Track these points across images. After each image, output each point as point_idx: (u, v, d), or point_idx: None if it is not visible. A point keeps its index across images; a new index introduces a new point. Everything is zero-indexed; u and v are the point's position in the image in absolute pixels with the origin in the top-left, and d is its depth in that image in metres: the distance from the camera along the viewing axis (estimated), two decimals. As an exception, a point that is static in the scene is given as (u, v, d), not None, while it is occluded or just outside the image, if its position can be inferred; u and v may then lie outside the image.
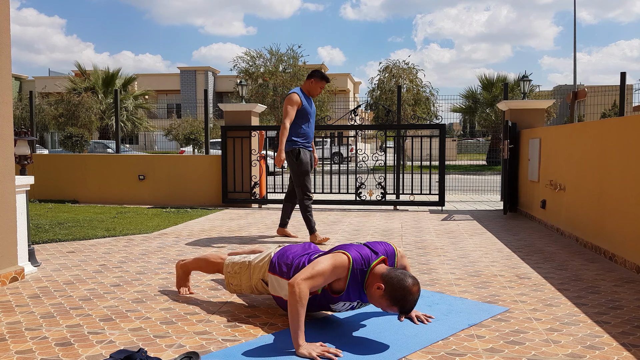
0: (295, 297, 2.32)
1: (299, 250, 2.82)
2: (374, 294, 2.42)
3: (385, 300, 2.38)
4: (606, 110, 32.14)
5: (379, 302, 2.42)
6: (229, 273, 2.96)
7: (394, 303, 2.36)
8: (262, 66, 22.93)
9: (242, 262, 2.93)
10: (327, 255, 2.50)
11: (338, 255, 2.48)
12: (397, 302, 2.35)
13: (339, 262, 2.45)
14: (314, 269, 2.40)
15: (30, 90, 12.13)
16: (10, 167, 3.59)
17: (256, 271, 2.86)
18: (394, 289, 2.35)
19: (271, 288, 2.78)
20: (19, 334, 2.56)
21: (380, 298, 2.40)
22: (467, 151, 29.03)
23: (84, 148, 19.04)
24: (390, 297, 2.36)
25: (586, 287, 3.42)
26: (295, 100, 4.87)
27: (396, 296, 2.34)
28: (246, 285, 2.91)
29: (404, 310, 2.37)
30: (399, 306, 2.36)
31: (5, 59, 3.55)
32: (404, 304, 2.35)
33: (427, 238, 5.27)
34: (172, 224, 6.21)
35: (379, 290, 2.39)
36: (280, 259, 2.77)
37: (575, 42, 21.08)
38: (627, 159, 4.03)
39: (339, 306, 2.61)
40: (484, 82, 23.65)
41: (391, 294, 2.36)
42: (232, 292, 3.00)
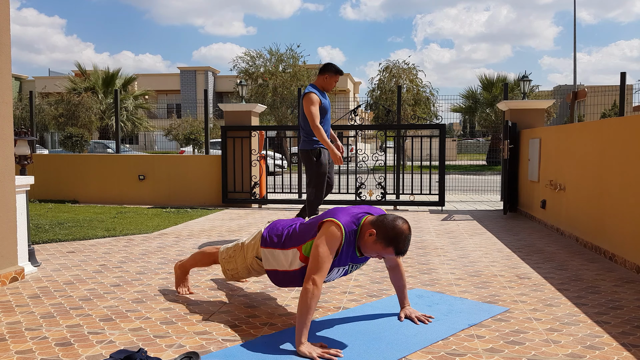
0: (308, 293, 2.32)
1: (288, 221, 2.84)
2: (367, 241, 2.44)
3: (380, 244, 2.40)
4: (606, 110, 32.14)
5: (373, 248, 2.43)
6: (224, 259, 2.99)
7: (388, 244, 2.38)
8: (262, 66, 22.94)
9: (235, 245, 2.97)
10: (321, 237, 2.46)
11: (331, 230, 2.45)
12: (391, 241, 2.37)
13: (335, 237, 2.44)
14: (318, 259, 2.40)
15: (30, 90, 12.13)
16: (10, 167, 3.59)
17: (249, 250, 2.87)
18: (386, 229, 2.38)
19: (265, 262, 2.77)
20: (19, 334, 2.56)
21: (374, 243, 2.42)
22: (467, 151, 29.04)
23: (84, 148, 19.04)
24: (384, 238, 2.39)
25: (586, 287, 3.42)
26: (315, 100, 4.69)
27: (389, 236, 2.37)
28: (242, 267, 2.92)
29: (399, 249, 2.38)
30: (393, 246, 2.38)
31: (5, 59, 3.55)
32: (398, 242, 2.37)
33: (427, 238, 5.27)
34: (172, 224, 6.21)
35: (372, 237, 2.42)
36: (270, 232, 2.78)
37: (575, 42, 21.07)
38: (627, 159, 4.03)
39: (332, 275, 2.62)
40: (484, 82, 23.66)
41: (384, 235, 2.38)
42: (229, 279, 3.01)
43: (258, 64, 23.00)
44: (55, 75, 37.81)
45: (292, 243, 2.65)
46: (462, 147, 29.38)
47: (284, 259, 2.67)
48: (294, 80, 22.29)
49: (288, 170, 11.71)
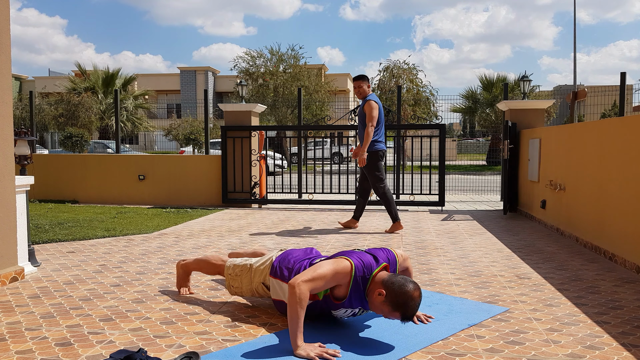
0: (295, 297, 2.32)
1: (301, 255, 2.81)
2: (375, 300, 2.42)
3: (387, 307, 2.38)
4: (606, 110, 32.14)
5: (380, 309, 2.42)
6: (230, 275, 2.96)
7: (395, 309, 2.36)
8: (262, 66, 22.94)
9: (244, 265, 2.93)
10: (329, 260, 2.50)
11: (340, 260, 2.48)
12: (399, 307, 2.35)
13: (341, 268, 2.45)
14: (315, 271, 2.40)
15: (30, 90, 12.13)
16: (10, 167, 3.59)
17: (257, 274, 2.85)
18: (396, 295, 2.35)
19: (272, 292, 2.77)
20: (19, 334, 2.56)
21: (381, 304, 2.40)
22: (467, 151, 29.04)
23: (84, 148, 19.03)
24: (392, 303, 2.36)
25: (586, 287, 3.42)
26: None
27: (398, 302, 2.34)
28: (247, 289, 2.91)
29: (406, 316, 2.36)
30: (400, 312, 2.35)
31: (5, 59, 3.55)
32: (406, 309, 2.34)
33: (427, 238, 5.27)
34: (172, 224, 6.21)
35: (380, 297, 2.39)
36: (281, 263, 2.76)
37: (575, 42, 21.07)
38: (627, 159, 4.03)
39: (340, 313, 2.60)
40: (484, 82, 23.66)
41: (392, 299, 2.35)
42: (232, 294, 3.00)
43: (258, 64, 23.00)
44: (55, 75, 37.81)
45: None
46: (462, 147, 29.38)
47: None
48: (295, 80, 22.29)
49: (288, 170, 11.71)
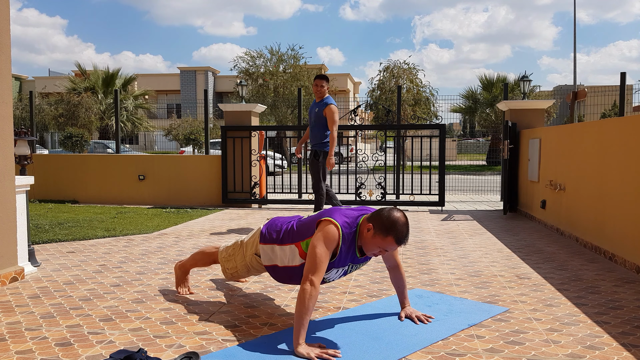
0: (306, 294, 2.32)
1: (287, 218, 2.85)
2: (366, 237, 2.45)
3: (379, 236, 2.40)
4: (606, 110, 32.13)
5: (373, 243, 2.43)
6: (224, 259, 3.00)
7: (386, 233, 2.38)
8: (262, 66, 22.93)
9: (235, 243, 2.99)
10: (317, 236, 2.46)
11: (328, 229, 2.46)
12: (389, 230, 2.38)
13: (331, 237, 2.44)
14: (315, 259, 2.40)
15: (30, 90, 12.13)
16: (10, 167, 3.59)
17: (249, 247, 2.89)
18: (382, 220, 2.39)
19: (264, 258, 2.78)
20: (19, 334, 2.56)
21: (373, 237, 2.42)
22: (467, 151, 29.04)
23: (84, 148, 19.03)
24: (381, 229, 2.39)
25: (586, 287, 3.42)
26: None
27: (385, 225, 2.38)
28: (241, 265, 2.93)
29: (399, 237, 2.38)
30: (392, 234, 2.38)
31: (5, 59, 3.55)
32: (396, 230, 2.37)
33: (427, 238, 5.27)
34: (172, 224, 6.21)
35: (370, 232, 2.42)
36: (269, 228, 2.80)
37: (575, 42, 21.07)
38: (627, 159, 4.03)
39: (332, 275, 2.62)
40: (484, 82, 23.65)
41: (381, 226, 2.39)
42: (229, 278, 3.02)
43: (258, 64, 23.00)
44: (55, 75, 37.80)
45: (291, 239, 2.65)
46: (462, 147, 29.38)
47: (283, 254, 2.68)
48: (295, 80, 22.28)
49: (288, 170, 11.71)
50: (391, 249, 2.44)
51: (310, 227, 2.60)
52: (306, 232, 2.60)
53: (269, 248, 2.75)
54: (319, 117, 5.64)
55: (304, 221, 2.68)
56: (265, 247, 2.77)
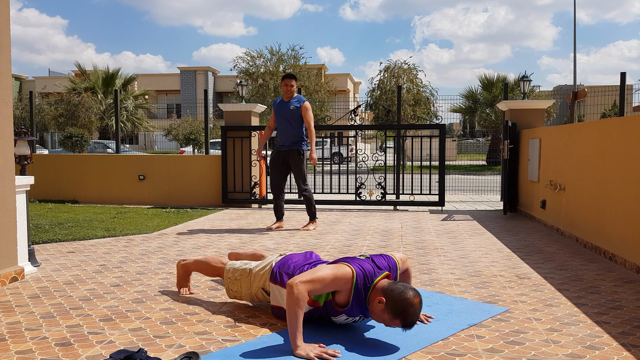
0: (293, 297, 2.31)
1: (301, 260, 2.80)
2: (375, 308, 2.41)
3: (387, 314, 2.36)
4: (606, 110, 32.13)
5: (381, 317, 2.40)
6: (229, 279, 2.94)
7: (395, 316, 2.34)
8: (262, 66, 22.93)
9: (243, 270, 2.91)
10: (330, 265, 2.48)
11: (341, 266, 2.46)
12: (399, 314, 2.33)
13: (341, 274, 2.42)
14: (315, 274, 2.39)
15: (30, 90, 12.13)
16: (10, 167, 3.59)
17: (257, 279, 2.84)
18: (395, 302, 2.33)
19: (272, 298, 2.76)
20: (19, 334, 2.56)
21: (382, 312, 2.38)
22: (467, 151, 29.03)
23: (84, 148, 19.03)
24: (392, 310, 2.34)
25: (586, 287, 3.42)
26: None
27: (397, 309, 2.33)
28: (246, 293, 2.90)
29: (406, 323, 2.34)
30: (401, 319, 2.33)
31: (5, 59, 3.55)
32: (406, 317, 2.33)
33: (427, 238, 5.27)
34: (172, 224, 6.21)
35: (381, 305, 2.38)
36: (281, 269, 2.75)
37: (575, 42, 21.07)
38: (627, 159, 4.03)
39: (340, 319, 2.60)
40: (484, 82, 23.65)
41: (392, 307, 2.34)
42: (231, 297, 2.99)
43: (258, 64, 22.99)
44: (55, 75, 37.80)
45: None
46: (462, 147, 29.38)
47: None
48: (294, 80, 22.25)
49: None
50: (395, 327, 2.40)
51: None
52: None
53: (278, 290, 2.71)
54: (293, 116, 5.62)
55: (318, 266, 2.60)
56: (274, 287, 2.73)
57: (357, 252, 4.55)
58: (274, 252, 4.56)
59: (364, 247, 4.77)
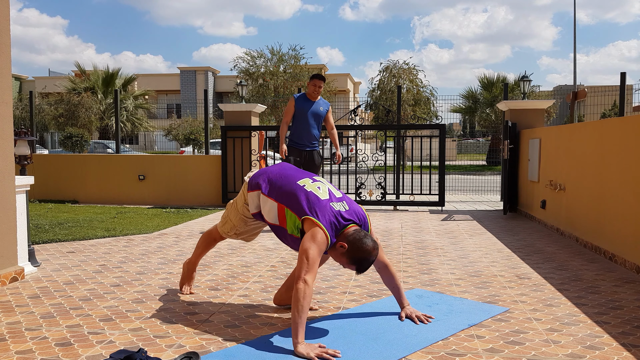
0: (300, 293, 2.35)
1: (270, 167, 2.91)
2: (336, 250, 2.57)
3: (345, 259, 2.54)
4: (606, 110, 32.13)
5: (339, 259, 2.57)
6: (222, 225, 3.07)
7: (352, 262, 2.53)
8: (263, 66, 22.92)
9: (228, 204, 3.09)
10: (309, 239, 2.49)
11: (319, 237, 2.49)
12: (356, 262, 2.52)
13: (323, 244, 2.51)
14: (309, 261, 2.45)
15: (30, 90, 12.13)
16: (10, 167, 3.59)
17: (239, 199, 2.97)
18: (355, 251, 2.50)
19: (251, 205, 2.86)
20: (19, 334, 2.56)
21: (340, 255, 2.55)
22: (467, 151, 29.03)
23: (84, 148, 19.03)
24: (350, 257, 2.52)
25: (586, 287, 3.42)
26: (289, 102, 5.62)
27: (356, 257, 2.51)
28: (236, 220, 2.99)
29: (361, 270, 2.54)
30: (356, 266, 2.53)
31: (5, 59, 3.55)
32: (362, 265, 2.52)
33: (427, 238, 5.27)
34: (172, 224, 6.21)
35: (342, 249, 2.54)
36: (253, 178, 2.89)
37: (575, 42, 21.07)
38: (627, 159, 4.03)
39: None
40: (484, 82, 23.65)
41: (352, 254, 2.51)
42: (232, 237, 3.07)
43: (258, 64, 22.98)
44: (55, 75, 37.79)
45: (275, 196, 2.72)
46: (462, 147, 29.38)
47: (264, 205, 2.77)
48: (295, 80, 22.27)
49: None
50: (356, 270, 2.57)
51: (294, 205, 2.63)
52: (290, 204, 2.65)
53: (256, 195, 2.82)
54: (320, 118, 5.62)
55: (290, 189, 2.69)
56: (251, 195, 2.84)
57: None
58: (273, 251, 4.56)
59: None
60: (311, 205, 2.59)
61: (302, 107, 5.55)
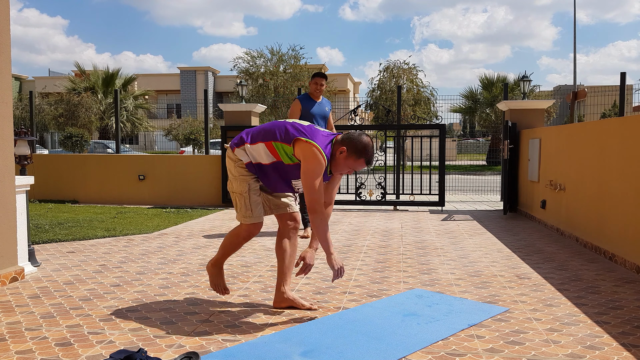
0: (316, 221, 2.65)
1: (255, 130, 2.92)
2: (338, 159, 2.72)
3: (352, 158, 2.69)
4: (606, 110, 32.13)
5: (346, 164, 2.71)
6: (239, 213, 2.93)
7: (360, 155, 2.69)
8: (263, 66, 22.92)
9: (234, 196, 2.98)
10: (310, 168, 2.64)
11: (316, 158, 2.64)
12: (362, 153, 2.68)
13: (321, 166, 2.65)
14: (314, 191, 2.63)
15: (30, 90, 12.13)
16: (10, 167, 3.59)
17: (232, 168, 2.92)
18: (355, 144, 2.68)
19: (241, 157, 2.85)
20: (19, 334, 2.56)
21: (346, 159, 2.71)
22: (467, 151, 29.03)
23: (84, 148, 19.03)
24: (355, 152, 2.69)
25: (586, 287, 3.42)
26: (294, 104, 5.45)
27: (359, 148, 2.68)
28: (242, 190, 2.88)
29: (370, 160, 2.71)
30: (365, 157, 2.70)
31: (5, 59, 3.55)
32: (367, 152, 2.69)
33: (427, 238, 5.27)
34: (172, 224, 6.21)
35: (343, 154, 2.70)
36: (235, 138, 2.93)
37: (575, 42, 21.07)
38: (627, 159, 4.03)
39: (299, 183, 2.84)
40: (484, 82, 23.66)
41: (354, 149, 2.68)
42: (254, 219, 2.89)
43: (258, 64, 22.98)
44: (55, 75, 37.80)
45: (260, 139, 2.80)
46: (462, 147, 29.38)
47: (254, 152, 2.81)
48: (295, 80, 22.27)
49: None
50: (360, 168, 2.75)
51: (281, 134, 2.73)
52: (277, 136, 2.74)
53: (242, 150, 2.85)
54: (325, 118, 5.46)
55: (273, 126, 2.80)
56: (239, 151, 2.86)
57: (357, 252, 4.55)
58: (273, 251, 4.56)
59: (364, 247, 4.77)
60: (298, 129, 2.74)
61: (308, 109, 5.41)
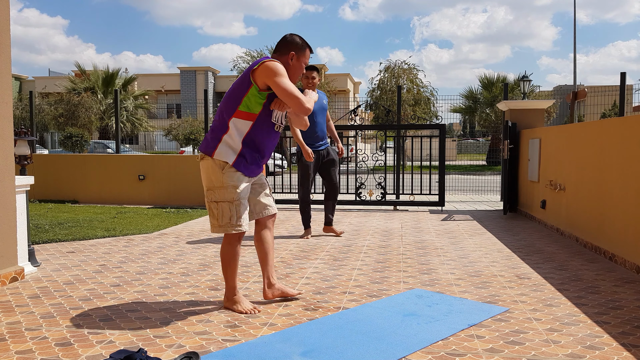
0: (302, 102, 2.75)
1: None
2: (294, 65, 2.89)
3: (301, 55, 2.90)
4: (606, 110, 32.14)
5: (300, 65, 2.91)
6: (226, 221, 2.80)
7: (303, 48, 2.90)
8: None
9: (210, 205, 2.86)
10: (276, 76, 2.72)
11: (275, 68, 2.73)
12: (303, 44, 2.91)
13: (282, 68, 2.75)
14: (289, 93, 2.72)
15: (30, 90, 12.13)
16: (10, 167, 3.59)
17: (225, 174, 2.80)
18: (294, 43, 2.89)
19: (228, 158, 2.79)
20: (19, 334, 2.56)
21: (297, 60, 2.90)
22: (467, 151, 29.05)
23: (84, 148, 19.03)
24: (299, 48, 2.89)
25: (586, 287, 3.42)
26: None
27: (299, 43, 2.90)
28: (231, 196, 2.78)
29: (310, 46, 2.94)
30: (307, 46, 2.93)
31: (5, 59, 3.55)
32: (304, 40, 2.92)
33: (427, 238, 5.27)
34: (172, 224, 6.21)
35: (294, 58, 2.89)
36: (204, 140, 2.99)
37: (575, 42, 21.08)
38: (627, 159, 4.03)
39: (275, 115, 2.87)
40: (484, 82, 23.68)
41: (296, 46, 2.89)
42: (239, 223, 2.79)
43: (258, 64, 22.96)
44: (55, 75, 37.80)
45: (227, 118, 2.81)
46: (462, 147, 29.39)
47: (234, 137, 2.80)
48: (294, 80, 22.25)
49: (288, 170, 11.71)
50: (308, 60, 2.96)
51: (241, 88, 2.79)
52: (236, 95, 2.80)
53: (223, 148, 2.79)
54: (323, 112, 5.21)
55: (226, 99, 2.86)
56: (220, 152, 2.78)
57: (357, 252, 4.55)
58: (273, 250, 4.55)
59: (364, 247, 4.77)
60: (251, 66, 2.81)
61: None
